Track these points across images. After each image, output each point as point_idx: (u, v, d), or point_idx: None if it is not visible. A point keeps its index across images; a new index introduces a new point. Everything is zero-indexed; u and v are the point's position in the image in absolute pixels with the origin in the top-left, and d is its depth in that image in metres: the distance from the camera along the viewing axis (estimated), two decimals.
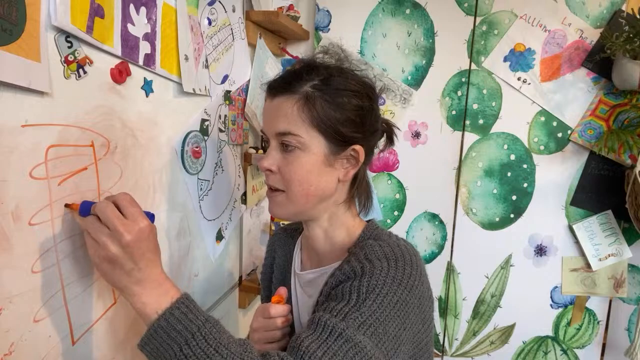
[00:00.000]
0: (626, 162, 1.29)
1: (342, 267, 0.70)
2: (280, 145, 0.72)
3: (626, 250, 1.36)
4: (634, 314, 1.36)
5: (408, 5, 1.41)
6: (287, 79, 0.73)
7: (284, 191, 0.73)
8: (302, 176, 0.71)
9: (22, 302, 0.59)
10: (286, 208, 0.75)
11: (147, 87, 0.83)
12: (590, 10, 1.31)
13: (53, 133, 0.62)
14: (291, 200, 0.73)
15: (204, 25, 1.02)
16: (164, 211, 0.91)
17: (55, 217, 0.63)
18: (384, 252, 0.68)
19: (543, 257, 1.42)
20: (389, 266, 0.65)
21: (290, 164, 0.71)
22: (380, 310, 0.61)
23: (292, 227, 0.95)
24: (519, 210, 1.42)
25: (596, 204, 1.37)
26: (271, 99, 0.73)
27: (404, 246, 0.71)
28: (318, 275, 0.78)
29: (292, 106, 0.70)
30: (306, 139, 0.70)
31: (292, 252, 0.88)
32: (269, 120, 0.74)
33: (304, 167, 0.71)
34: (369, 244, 0.71)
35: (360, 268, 0.65)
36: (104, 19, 0.69)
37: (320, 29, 1.47)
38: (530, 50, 1.36)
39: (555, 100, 1.36)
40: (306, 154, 0.71)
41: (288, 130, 0.70)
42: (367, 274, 0.64)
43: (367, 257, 0.67)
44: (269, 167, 0.73)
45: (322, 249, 0.79)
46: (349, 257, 0.72)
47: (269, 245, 0.96)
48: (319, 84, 0.71)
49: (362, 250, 0.70)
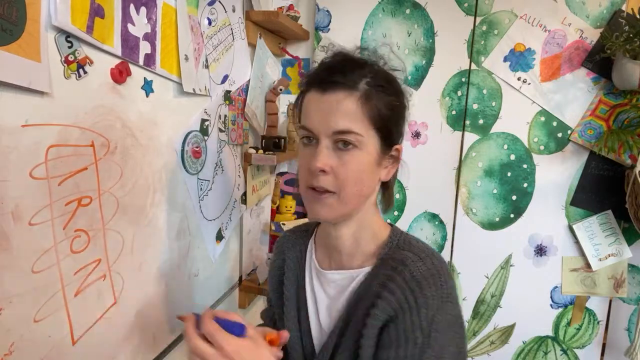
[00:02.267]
0: (626, 162, 1.29)
1: (385, 287, 0.67)
2: (334, 143, 0.67)
3: (626, 250, 1.36)
4: (634, 314, 1.36)
5: (408, 5, 1.41)
6: (343, 72, 0.68)
7: (335, 192, 0.68)
8: (357, 176, 0.68)
9: (22, 302, 0.59)
10: (337, 210, 0.70)
11: (147, 87, 0.83)
12: (590, 10, 1.30)
13: (53, 133, 0.62)
14: (343, 201, 0.69)
15: (204, 25, 1.02)
16: (164, 211, 0.91)
17: (55, 217, 0.63)
18: (428, 268, 0.68)
19: (543, 257, 1.42)
20: (436, 285, 0.66)
21: (346, 164, 0.67)
22: (445, 336, 0.64)
23: (300, 229, 0.91)
24: (519, 210, 1.42)
25: (596, 204, 1.37)
26: (322, 94, 0.67)
27: (437, 255, 0.71)
28: (344, 277, 0.76)
29: (354, 103, 0.66)
30: (365, 138, 0.67)
31: (305, 252, 0.85)
32: (322, 116, 0.67)
33: (360, 167, 0.68)
34: (408, 257, 0.69)
35: (413, 299, 0.65)
36: (104, 19, 0.69)
37: (320, 29, 1.47)
38: (530, 50, 1.35)
39: (555, 100, 1.36)
40: (362, 153, 0.67)
41: (350, 129, 0.66)
42: (422, 306, 0.64)
43: (414, 277, 0.66)
44: (324, 167, 0.66)
45: (347, 250, 0.76)
46: (385, 268, 0.70)
47: (277, 247, 0.92)
48: (372, 81, 0.68)
49: (405, 267, 0.67)
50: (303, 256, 0.85)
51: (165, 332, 0.96)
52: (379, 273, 0.71)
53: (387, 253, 0.73)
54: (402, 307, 0.66)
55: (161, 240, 0.91)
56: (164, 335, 0.96)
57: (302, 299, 0.81)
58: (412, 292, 0.66)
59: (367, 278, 0.73)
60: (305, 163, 0.69)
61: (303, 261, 0.85)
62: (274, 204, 1.57)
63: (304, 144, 0.70)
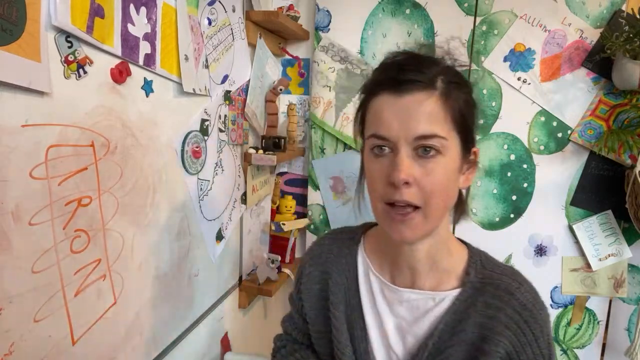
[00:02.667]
0: (626, 162, 1.29)
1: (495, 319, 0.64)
2: (414, 150, 0.59)
3: (626, 250, 1.36)
4: (634, 314, 1.36)
5: (408, 5, 1.41)
6: (418, 70, 0.60)
7: (419, 207, 0.60)
8: (443, 186, 0.60)
9: (22, 302, 0.59)
10: (423, 229, 0.62)
11: (147, 87, 0.83)
12: (590, 10, 1.30)
13: (53, 133, 0.62)
14: (429, 217, 0.61)
15: (204, 25, 1.02)
16: (164, 211, 0.91)
17: (55, 217, 0.63)
18: (531, 293, 0.66)
19: (543, 257, 1.42)
20: (543, 309, 0.66)
21: (431, 173, 0.59)
22: (554, 353, 0.66)
23: (342, 237, 0.80)
24: (519, 210, 1.42)
25: (596, 204, 1.37)
26: (398, 95, 0.60)
27: (521, 273, 0.70)
28: (423, 298, 0.68)
29: (435, 103, 0.59)
30: (448, 142, 0.60)
31: (355, 264, 0.76)
32: (400, 121, 0.59)
33: (445, 175, 0.60)
34: (511, 285, 0.65)
35: (530, 331, 0.64)
36: (104, 19, 0.69)
37: (320, 29, 1.47)
38: (530, 50, 1.35)
39: (555, 100, 1.36)
40: (446, 159, 0.60)
41: (434, 132, 0.58)
42: (539, 336, 0.64)
43: (526, 307, 0.64)
44: (408, 178, 0.58)
45: (419, 267, 0.68)
46: (483, 295, 0.65)
47: (313, 257, 0.80)
48: (446, 77, 0.61)
49: (512, 297, 0.64)
50: (352, 269, 0.75)
51: (165, 332, 0.96)
52: (476, 301, 0.65)
53: (475, 276, 0.67)
54: (520, 341, 0.63)
55: (161, 240, 0.91)
56: (164, 335, 0.96)
57: (357, 319, 0.72)
58: (527, 323, 0.63)
59: (458, 304, 0.66)
60: (380, 176, 0.61)
61: (354, 275, 0.75)
62: (274, 204, 1.57)
63: (375, 155, 0.62)
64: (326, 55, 1.47)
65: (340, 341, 0.72)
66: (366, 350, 0.71)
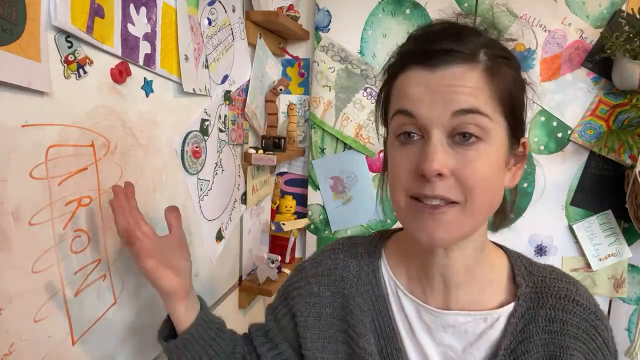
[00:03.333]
0: (626, 162, 1.29)
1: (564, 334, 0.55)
2: (451, 137, 0.49)
3: (626, 250, 1.36)
4: (634, 314, 1.36)
5: (408, 5, 1.41)
6: (457, 39, 0.49)
7: (458, 203, 0.49)
8: (488, 180, 0.50)
9: (22, 302, 0.59)
10: (459, 228, 0.50)
11: (147, 87, 0.83)
12: (590, 10, 1.30)
13: (53, 133, 0.62)
14: (469, 216, 0.50)
15: (204, 25, 1.02)
16: (164, 211, 0.91)
17: (55, 217, 0.63)
18: (585, 292, 0.58)
19: (543, 257, 1.42)
20: (597, 305, 0.59)
21: (472, 163, 0.48)
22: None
23: (358, 249, 0.66)
24: (519, 210, 1.42)
25: (596, 204, 1.37)
26: (431, 70, 0.49)
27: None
28: (471, 321, 0.56)
29: (477, 78, 0.48)
30: (493, 124, 0.49)
31: (379, 283, 0.62)
32: (434, 99, 0.48)
33: (491, 167, 0.50)
34: (569, 289, 0.57)
35: (598, 334, 0.56)
36: (104, 18, 0.69)
37: (320, 29, 1.47)
38: (530, 50, 1.35)
39: (555, 100, 1.36)
40: (490, 147, 0.49)
41: (477, 108, 0.48)
42: (607, 338, 0.57)
43: (587, 309, 0.56)
44: (442, 168, 0.48)
45: (457, 280, 0.57)
46: (541, 307, 0.56)
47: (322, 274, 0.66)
48: (491, 51, 0.50)
49: (574, 303, 0.56)
50: (378, 290, 0.62)
51: None
52: (536, 316, 0.56)
53: (527, 286, 0.57)
54: (590, 348, 0.56)
55: None
56: None
57: (393, 352, 0.59)
58: (595, 328, 0.56)
59: (516, 323, 0.56)
60: (406, 166, 0.51)
61: (382, 298, 0.61)
62: (274, 204, 1.57)
63: (401, 142, 0.51)
64: (326, 55, 1.47)
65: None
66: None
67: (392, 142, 0.54)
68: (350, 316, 0.62)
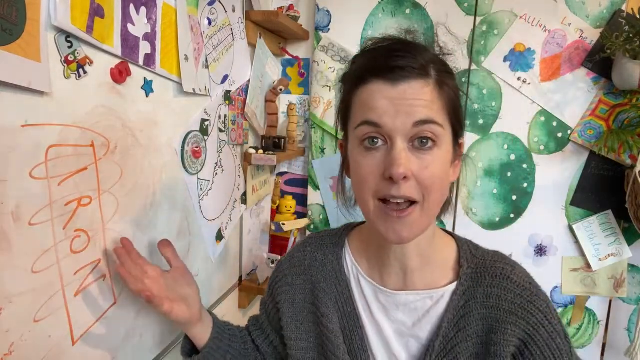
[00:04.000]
0: (626, 162, 1.29)
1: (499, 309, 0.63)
2: (411, 142, 0.57)
3: (626, 250, 1.36)
4: (634, 314, 1.36)
5: (408, 5, 1.41)
6: (411, 56, 0.57)
7: (417, 202, 0.57)
8: (441, 180, 0.58)
9: (22, 302, 0.59)
10: (421, 227, 0.59)
11: (147, 87, 0.83)
12: (590, 10, 1.30)
13: (53, 133, 0.62)
14: (426, 213, 0.58)
15: (204, 25, 1.02)
16: (164, 211, 0.91)
17: (55, 217, 0.63)
18: (522, 271, 0.66)
19: (543, 257, 1.42)
20: (542, 289, 0.66)
21: (429, 166, 0.57)
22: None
23: (325, 241, 0.76)
24: (519, 210, 1.42)
25: (596, 204, 1.37)
26: (392, 84, 0.56)
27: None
28: (421, 299, 0.65)
29: (431, 92, 0.56)
30: (444, 132, 0.58)
31: (342, 270, 0.72)
32: (397, 110, 0.55)
33: (443, 169, 0.58)
34: (505, 269, 0.65)
35: (536, 308, 0.63)
36: (104, 18, 0.69)
37: (320, 29, 1.47)
38: (530, 50, 1.35)
39: (555, 100, 1.36)
40: (442, 151, 0.58)
41: (433, 119, 0.56)
42: (551, 313, 0.64)
43: (521, 286, 0.64)
44: (407, 172, 0.55)
45: (412, 265, 0.66)
46: (480, 285, 0.64)
47: (295, 265, 0.75)
48: (437, 66, 0.59)
49: (508, 280, 0.63)
50: (341, 275, 0.71)
51: (165, 332, 0.96)
52: (475, 293, 0.64)
53: (469, 267, 0.66)
54: (530, 323, 0.62)
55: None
56: (164, 335, 0.96)
57: (354, 329, 0.68)
58: (532, 303, 0.62)
59: (458, 299, 0.64)
60: (373, 171, 0.58)
61: (345, 282, 0.71)
62: (274, 204, 1.57)
63: (366, 148, 0.58)
64: (326, 55, 1.47)
65: (337, 355, 0.68)
66: None
67: (355, 148, 0.60)
68: (317, 300, 0.71)
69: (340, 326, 0.69)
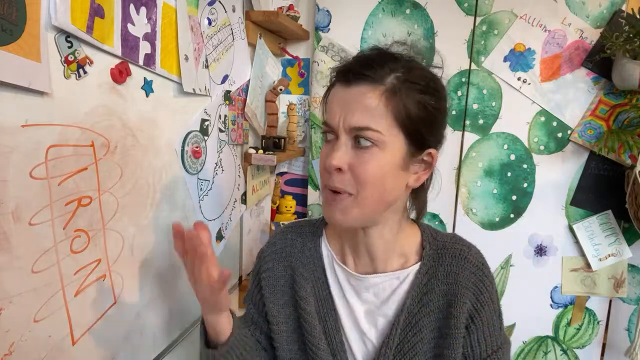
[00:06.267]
0: (626, 162, 1.29)
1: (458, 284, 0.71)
2: (353, 140, 0.63)
3: (626, 250, 1.36)
4: (634, 314, 1.36)
5: (408, 5, 1.41)
6: (370, 64, 0.62)
7: (351, 194, 0.63)
8: (377, 178, 0.63)
9: (22, 302, 0.59)
10: (351, 214, 0.65)
11: (147, 87, 0.83)
12: (590, 10, 1.31)
13: (53, 133, 0.62)
14: (360, 204, 0.64)
15: (204, 25, 1.02)
16: (164, 211, 0.91)
17: (55, 217, 0.63)
18: (477, 251, 0.74)
19: (543, 257, 1.42)
20: (490, 269, 0.74)
21: (365, 163, 0.62)
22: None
23: (304, 230, 0.82)
24: (519, 210, 1.42)
25: (596, 204, 1.37)
26: (346, 86, 0.63)
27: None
28: (387, 280, 0.72)
29: (377, 98, 0.61)
30: (386, 137, 0.61)
31: (319, 256, 0.78)
32: (342, 111, 0.62)
33: (381, 168, 0.62)
34: (462, 249, 0.73)
35: (485, 285, 0.71)
36: (104, 19, 0.69)
37: (320, 29, 1.47)
38: (530, 50, 1.35)
39: (555, 100, 1.36)
40: (384, 153, 0.62)
41: (368, 126, 0.61)
42: (492, 289, 0.72)
43: (476, 265, 0.72)
44: (340, 165, 0.62)
45: (377, 252, 0.72)
46: (441, 265, 0.72)
47: (275, 252, 0.80)
48: (402, 76, 0.62)
49: (465, 260, 0.72)
50: (318, 261, 0.77)
51: (165, 332, 0.96)
52: (437, 271, 0.71)
53: (431, 249, 0.73)
54: (479, 300, 0.70)
55: (161, 240, 0.91)
56: (164, 335, 0.96)
57: (328, 311, 0.75)
58: (482, 282, 0.70)
59: (421, 277, 0.71)
60: (323, 160, 0.66)
61: (321, 267, 0.77)
62: (274, 204, 1.57)
63: (325, 141, 0.67)
64: (326, 55, 1.47)
65: (313, 335, 0.74)
66: (340, 341, 0.74)
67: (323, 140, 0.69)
68: (296, 284, 0.77)
69: (316, 309, 0.75)
